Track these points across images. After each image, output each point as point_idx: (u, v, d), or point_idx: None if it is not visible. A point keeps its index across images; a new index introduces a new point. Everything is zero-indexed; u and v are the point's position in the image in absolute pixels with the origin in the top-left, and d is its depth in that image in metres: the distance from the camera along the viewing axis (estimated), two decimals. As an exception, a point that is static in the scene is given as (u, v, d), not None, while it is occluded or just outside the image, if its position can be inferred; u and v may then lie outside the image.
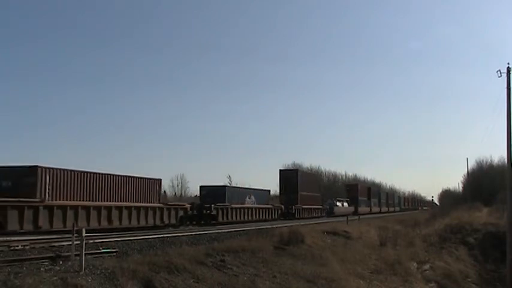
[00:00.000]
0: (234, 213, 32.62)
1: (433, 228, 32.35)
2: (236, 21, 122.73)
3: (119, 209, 22.67)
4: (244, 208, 34.33)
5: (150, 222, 24.45)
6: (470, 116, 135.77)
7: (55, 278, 8.57)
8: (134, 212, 23.53)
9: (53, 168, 19.90)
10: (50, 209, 19.13)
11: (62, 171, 20.35)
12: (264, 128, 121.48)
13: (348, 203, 55.02)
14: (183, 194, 63.73)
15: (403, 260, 21.17)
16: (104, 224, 21.69)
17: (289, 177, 43.84)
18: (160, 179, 26.80)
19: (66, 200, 20.12)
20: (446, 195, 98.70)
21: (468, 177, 65.57)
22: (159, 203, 26.14)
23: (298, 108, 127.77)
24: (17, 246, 12.55)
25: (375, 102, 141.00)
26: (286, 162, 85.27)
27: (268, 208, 38.34)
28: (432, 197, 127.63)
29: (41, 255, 11.31)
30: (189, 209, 28.22)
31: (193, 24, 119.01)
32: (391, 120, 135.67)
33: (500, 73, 25.00)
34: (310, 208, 45.02)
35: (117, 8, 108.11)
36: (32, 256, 11.19)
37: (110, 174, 23.19)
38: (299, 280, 13.87)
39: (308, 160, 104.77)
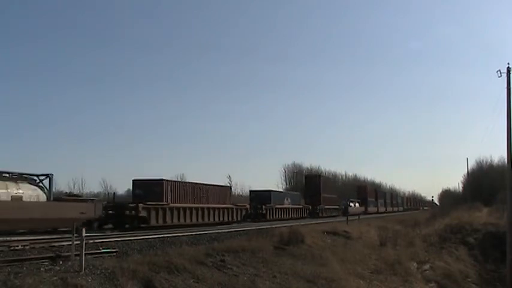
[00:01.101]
0: (277, 212, 39.17)
1: (433, 228, 32.36)
2: (236, 21, 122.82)
3: (208, 209, 29.69)
4: (283, 208, 41.10)
5: (225, 219, 31.22)
6: (470, 116, 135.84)
7: (55, 278, 8.56)
8: (216, 212, 30.60)
9: (172, 181, 28.29)
10: (172, 209, 26.14)
11: (176, 183, 28.55)
12: (264, 128, 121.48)
13: (359, 204, 59.97)
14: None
15: (403, 260, 21.17)
16: (200, 220, 28.41)
17: (313, 181, 51.21)
18: (230, 186, 36.21)
19: (180, 203, 27.05)
20: (446, 195, 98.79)
21: (468, 177, 65.58)
22: (230, 204, 33.14)
23: (298, 108, 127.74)
24: (17, 246, 12.54)
25: (375, 102, 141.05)
26: (286, 162, 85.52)
27: (300, 208, 44.75)
28: (432, 197, 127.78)
29: (41, 255, 11.29)
30: (248, 208, 35.19)
31: (193, 24, 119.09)
32: (391, 120, 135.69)
33: (500, 73, 25.02)
34: (330, 208, 50.38)
35: (117, 8, 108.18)
36: (32, 256, 11.18)
37: (203, 184, 30.72)
38: (299, 280, 13.87)
39: (308, 160, 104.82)
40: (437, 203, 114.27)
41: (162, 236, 18.02)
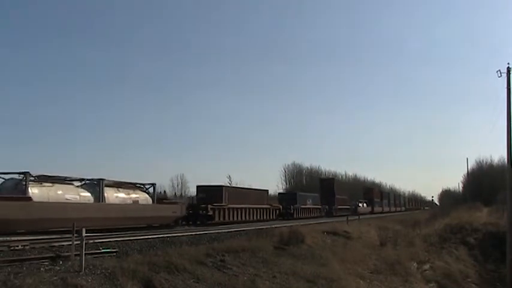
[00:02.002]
0: (301, 211, 44.03)
1: (433, 228, 32.34)
2: (239, 23, 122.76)
3: (253, 209, 35.34)
4: (306, 208, 46.16)
5: (264, 217, 36.63)
6: (470, 116, 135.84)
7: (55, 278, 8.55)
8: (258, 211, 36.19)
9: (228, 186, 35.86)
10: (229, 209, 31.77)
11: (231, 188, 35.41)
12: (264, 128, 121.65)
13: (366, 204, 65.13)
14: (183, 194, 63.70)
15: (403, 260, 21.15)
16: (247, 218, 33.80)
17: (328, 184, 56.22)
18: (267, 190, 40.45)
19: (234, 204, 32.30)
20: (446, 195, 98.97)
21: (468, 177, 65.61)
22: (268, 204, 38.69)
23: (298, 109, 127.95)
24: (17, 246, 12.52)
25: (375, 102, 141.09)
26: (286, 162, 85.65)
27: (319, 208, 49.40)
28: (432, 197, 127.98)
29: (41, 255, 11.27)
30: (281, 208, 40.53)
31: (197, 25, 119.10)
32: (391, 120, 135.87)
33: (500, 73, 25.00)
34: (342, 208, 54.21)
35: (117, 8, 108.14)
36: (32, 256, 11.16)
37: (249, 188, 38.95)
38: (299, 280, 13.86)
39: (308, 160, 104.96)
40: (437, 203, 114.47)
41: (162, 236, 18.00)
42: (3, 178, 18.93)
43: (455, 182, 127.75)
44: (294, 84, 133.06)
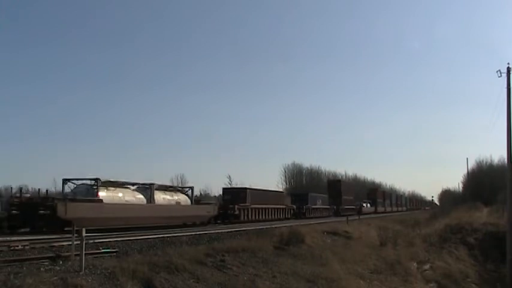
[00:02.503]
0: (312, 211, 47.12)
1: (433, 228, 32.32)
2: (234, 20, 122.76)
3: (272, 209, 39.07)
4: (317, 208, 49.18)
5: (281, 216, 39.87)
6: (470, 116, 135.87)
7: (55, 278, 8.55)
8: (276, 210, 39.84)
9: (251, 188, 37.63)
10: (252, 209, 35.44)
11: (253, 190, 37.44)
12: (264, 128, 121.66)
13: (370, 204, 68.27)
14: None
15: (403, 260, 21.15)
16: (267, 217, 37.04)
17: (335, 185, 59.31)
18: (283, 192, 46.72)
19: (256, 204, 35.96)
20: (446, 195, 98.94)
21: (468, 177, 65.57)
22: (284, 204, 42.31)
23: (299, 109, 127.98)
24: (17, 246, 12.54)
25: (375, 102, 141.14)
26: (287, 162, 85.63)
27: (328, 208, 52.21)
28: (432, 197, 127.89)
29: (41, 255, 11.29)
30: (295, 208, 44.21)
31: (197, 25, 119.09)
32: (391, 120, 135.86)
33: (500, 73, 24.95)
34: (348, 208, 56.31)
35: (117, 8, 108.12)
36: (32, 256, 11.17)
37: (268, 190, 42.04)
38: (299, 280, 13.86)
39: (308, 160, 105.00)
40: (437, 203, 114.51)
41: (162, 236, 18.01)
42: (75, 184, 22.34)
43: (455, 182, 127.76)
44: (294, 84, 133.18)
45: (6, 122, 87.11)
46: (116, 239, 15.83)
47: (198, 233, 20.39)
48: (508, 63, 25.02)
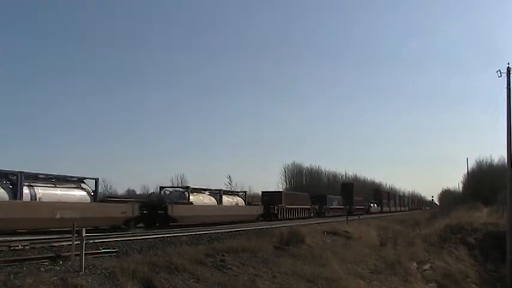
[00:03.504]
0: (330, 211, 51.23)
1: (433, 228, 32.33)
2: (238, 21, 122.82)
3: (300, 209, 44.28)
4: (333, 208, 53.08)
5: (306, 215, 44.87)
6: (471, 116, 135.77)
7: (55, 278, 8.55)
8: (303, 210, 44.99)
9: (284, 192, 47.12)
10: (286, 208, 40.79)
11: (286, 193, 45.94)
12: (264, 128, 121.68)
13: (377, 204, 72.51)
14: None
15: (403, 260, 21.16)
16: (296, 215, 42.01)
17: (348, 187, 65.10)
18: (307, 194, 49.48)
19: (288, 205, 41.42)
20: (446, 195, 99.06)
21: (468, 177, 65.58)
22: (308, 205, 47.11)
23: (299, 109, 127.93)
24: (17, 246, 12.53)
25: (375, 102, 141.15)
26: (287, 162, 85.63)
27: (342, 208, 55.63)
28: (432, 197, 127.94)
29: (41, 255, 11.27)
30: (317, 208, 48.82)
31: (197, 24, 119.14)
32: (391, 119, 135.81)
33: (500, 73, 24.98)
34: (359, 208, 61.44)
35: (117, 8, 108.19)
36: (32, 256, 11.16)
37: (297, 192, 51.78)
38: (299, 280, 13.88)
39: (308, 160, 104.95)
40: (437, 203, 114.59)
41: (162, 236, 18.01)
42: (169, 191, 29.04)
43: (455, 182, 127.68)
44: (294, 84, 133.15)
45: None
46: (115, 239, 15.83)
47: (198, 233, 20.39)
48: (508, 63, 25.07)
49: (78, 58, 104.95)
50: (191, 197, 28.03)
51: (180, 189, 30.16)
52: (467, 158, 62.79)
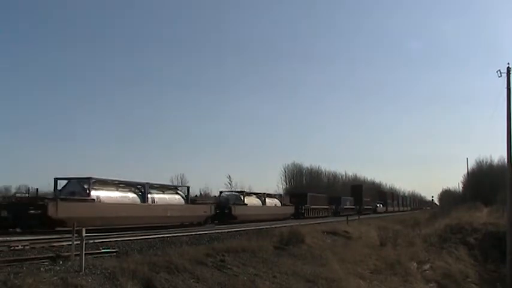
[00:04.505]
0: (344, 210, 54.86)
1: (433, 228, 32.33)
2: (237, 20, 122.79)
3: (322, 208, 49.91)
4: (346, 208, 57.80)
5: (326, 214, 49.49)
6: (470, 116, 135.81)
7: (55, 278, 8.55)
8: (323, 210, 50.08)
9: (310, 194, 49.59)
10: (311, 208, 46.64)
11: (311, 195, 49.14)
12: (264, 128, 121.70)
13: (382, 205, 78.05)
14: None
15: (403, 260, 21.16)
16: (318, 214, 47.16)
17: (358, 189, 71.66)
18: (325, 195, 54.85)
19: (312, 205, 47.12)
20: (446, 195, 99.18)
21: (468, 177, 65.59)
22: (327, 205, 52.27)
23: (298, 108, 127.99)
24: (17, 246, 12.53)
25: (375, 102, 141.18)
26: (286, 162, 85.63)
27: (353, 207, 61.21)
28: (432, 197, 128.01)
29: (41, 255, 11.27)
30: (334, 208, 53.96)
31: (198, 23, 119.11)
32: (391, 119, 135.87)
33: (500, 73, 24.97)
34: (367, 208, 68.05)
35: (117, 8, 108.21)
36: (32, 256, 11.16)
37: (319, 194, 53.98)
38: (299, 280, 13.87)
39: (308, 160, 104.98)
40: (437, 203, 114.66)
41: (162, 236, 18.01)
42: (226, 195, 34.55)
43: (455, 182, 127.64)
44: (295, 84, 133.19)
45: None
46: (116, 239, 15.82)
47: (198, 233, 20.40)
48: (508, 63, 25.07)
49: (80, 58, 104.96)
50: (246, 200, 34.47)
51: (236, 193, 35.88)
52: (467, 158, 62.87)
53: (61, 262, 10.33)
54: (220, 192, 36.66)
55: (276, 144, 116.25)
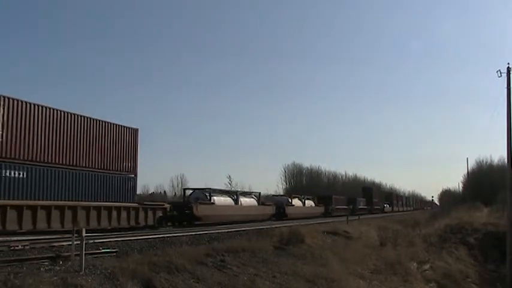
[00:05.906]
0: (358, 210, 58.27)
1: (433, 228, 32.35)
2: (237, 20, 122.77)
3: (341, 208, 51.28)
4: (360, 208, 61.33)
5: (344, 214, 43.53)
6: (470, 116, 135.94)
7: (55, 278, 8.54)
8: (343, 209, 50.29)
9: (335, 195, 54.24)
10: (335, 208, 50.05)
11: (336, 196, 53.09)
12: (264, 128, 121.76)
13: (389, 205, 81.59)
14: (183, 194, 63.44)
15: (403, 260, 21.16)
16: (341, 214, 45.02)
17: (368, 191, 75.47)
18: (344, 197, 57.87)
19: (336, 205, 51.87)
20: (446, 195, 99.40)
21: (468, 177, 65.65)
22: (345, 205, 54.58)
23: (298, 108, 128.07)
24: (17, 246, 12.51)
25: (375, 102, 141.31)
26: (286, 162, 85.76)
27: (366, 207, 64.92)
28: (432, 197, 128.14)
29: (41, 255, 11.23)
30: (351, 208, 55.82)
31: (200, 24, 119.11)
32: (391, 119, 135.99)
33: (500, 73, 25.02)
34: (376, 208, 71.15)
35: (117, 7, 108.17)
36: (32, 256, 11.13)
37: (340, 197, 57.00)
38: (299, 280, 13.87)
39: (308, 160, 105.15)
40: (437, 203, 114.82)
41: (162, 236, 18.00)
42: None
43: (455, 182, 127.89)
44: (295, 84, 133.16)
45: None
46: (116, 239, 15.79)
47: (198, 233, 20.39)
48: (508, 63, 25.13)
49: (80, 58, 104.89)
50: (293, 202, 40.02)
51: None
52: (467, 158, 62.96)
53: (61, 262, 10.31)
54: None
55: (276, 144, 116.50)
